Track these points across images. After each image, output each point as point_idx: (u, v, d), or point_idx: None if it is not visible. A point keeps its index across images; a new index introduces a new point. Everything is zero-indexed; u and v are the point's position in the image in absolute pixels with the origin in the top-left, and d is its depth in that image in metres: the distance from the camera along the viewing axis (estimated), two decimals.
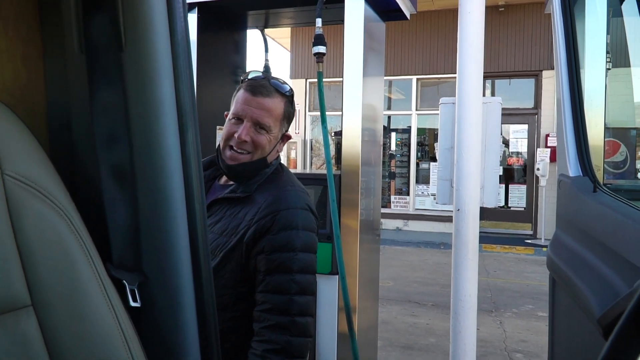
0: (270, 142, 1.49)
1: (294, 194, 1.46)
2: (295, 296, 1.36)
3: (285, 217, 1.39)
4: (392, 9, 2.63)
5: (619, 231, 1.19)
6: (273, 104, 1.47)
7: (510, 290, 6.45)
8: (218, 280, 1.39)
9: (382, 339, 4.47)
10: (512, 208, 10.41)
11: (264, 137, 1.46)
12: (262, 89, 1.46)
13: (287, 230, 1.39)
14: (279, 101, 1.48)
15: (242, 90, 1.48)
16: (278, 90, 1.48)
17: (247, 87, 1.47)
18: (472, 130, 2.32)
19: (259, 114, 1.44)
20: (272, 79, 1.50)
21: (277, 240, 1.38)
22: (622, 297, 0.99)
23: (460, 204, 2.32)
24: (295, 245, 1.38)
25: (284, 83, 1.52)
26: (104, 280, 0.64)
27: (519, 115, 10.37)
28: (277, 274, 1.36)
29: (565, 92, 1.65)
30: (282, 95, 1.49)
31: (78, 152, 0.74)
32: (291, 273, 1.37)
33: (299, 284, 1.37)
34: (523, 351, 4.51)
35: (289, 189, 1.47)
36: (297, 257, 1.38)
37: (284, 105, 1.50)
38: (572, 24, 1.76)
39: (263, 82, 1.47)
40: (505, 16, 10.11)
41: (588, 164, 1.54)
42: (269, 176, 1.51)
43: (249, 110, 1.44)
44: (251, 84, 1.47)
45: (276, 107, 1.47)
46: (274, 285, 1.36)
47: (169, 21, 0.73)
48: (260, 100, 1.45)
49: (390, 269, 7.39)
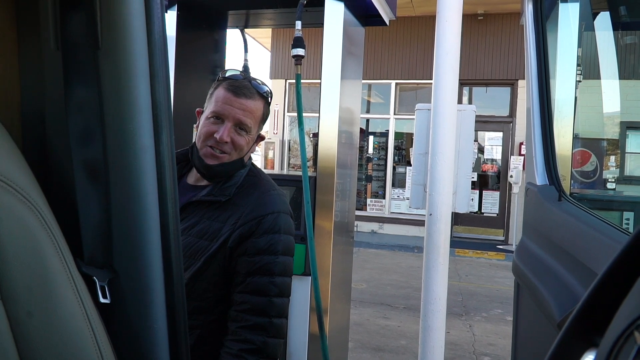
0: (248, 143, 1.49)
1: (277, 199, 1.48)
2: (274, 298, 1.38)
3: (269, 221, 1.41)
4: (371, 14, 2.66)
5: (581, 239, 1.24)
6: (255, 105, 1.46)
7: (481, 295, 6.55)
8: (199, 284, 1.40)
9: (353, 341, 4.50)
10: (485, 214, 10.57)
11: (244, 138, 1.46)
12: (245, 90, 1.45)
13: (270, 233, 1.40)
14: (259, 103, 1.48)
15: (222, 89, 1.46)
16: (258, 91, 1.48)
17: (228, 87, 1.45)
18: (447, 136, 2.37)
19: (241, 115, 1.44)
20: (252, 80, 1.50)
21: (259, 243, 1.39)
22: (580, 302, 1.03)
23: (433, 209, 2.36)
24: (277, 248, 1.40)
25: (263, 84, 1.52)
26: (74, 276, 0.65)
27: (494, 123, 10.54)
28: (258, 276, 1.38)
29: (535, 103, 1.70)
30: (262, 96, 1.49)
31: (51, 148, 0.74)
32: (272, 275, 1.39)
33: (278, 286, 1.39)
34: (491, 354, 4.59)
35: (272, 192, 1.48)
36: (278, 260, 1.40)
37: (263, 107, 1.50)
38: (544, 36, 1.82)
39: (245, 83, 1.47)
40: (484, 25, 10.26)
41: (554, 174, 1.59)
42: (248, 179, 1.51)
43: (231, 111, 1.43)
44: (233, 83, 1.46)
45: (257, 108, 1.48)
46: (254, 286, 1.37)
47: (146, 20, 0.73)
48: (243, 102, 1.44)
49: (364, 272, 7.44)
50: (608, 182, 4.54)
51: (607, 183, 4.52)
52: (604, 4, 2.68)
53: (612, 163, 5.42)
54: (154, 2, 0.74)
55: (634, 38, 3.28)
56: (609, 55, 2.85)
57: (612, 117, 4.27)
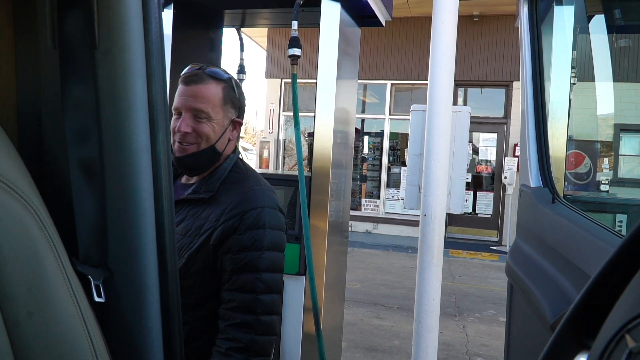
0: (214, 129, 1.46)
1: (260, 193, 1.46)
2: (261, 295, 1.37)
3: (252, 216, 1.40)
4: (367, 14, 2.66)
5: (574, 241, 1.25)
6: (207, 90, 1.45)
7: (474, 296, 6.57)
8: (186, 281, 1.39)
9: (347, 340, 4.51)
10: (479, 215, 10.60)
11: (205, 125, 1.44)
12: (194, 77, 1.45)
13: (253, 229, 1.39)
14: (214, 87, 1.46)
15: (179, 85, 1.47)
16: (212, 76, 1.46)
17: (182, 80, 1.46)
18: (441, 138, 2.37)
19: (193, 102, 1.43)
20: (207, 68, 1.48)
21: (243, 240, 1.38)
22: (573, 304, 1.04)
23: (427, 210, 2.37)
24: (262, 244, 1.39)
25: (222, 70, 1.50)
26: (69, 275, 0.64)
27: (489, 124, 10.58)
28: (243, 273, 1.37)
29: (529, 105, 1.70)
30: (218, 80, 1.47)
31: (47, 146, 0.74)
32: (257, 272, 1.38)
33: (265, 282, 1.38)
34: (484, 355, 4.61)
35: (255, 188, 1.47)
36: (263, 256, 1.39)
37: (221, 90, 1.47)
38: (539, 38, 1.83)
39: (196, 72, 1.46)
40: (480, 26, 10.30)
41: (548, 176, 1.60)
42: (232, 175, 1.50)
43: (185, 101, 1.44)
44: (186, 76, 1.46)
45: (211, 92, 1.45)
46: (240, 283, 1.37)
47: (143, 20, 0.74)
48: (193, 88, 1.44)
49: (358, 271, 7.45)
50: (602, 184, 4.56)
51: (601, 185, 4.54)
52: (598, 7, 2.69)
53: (606, 165, 5.46)
54: (151, 1, 0.74)
55: (628, 41, 3.31)
56: (603, 58, 2.87)
57: (606, 119, 4.30)
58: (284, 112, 11.60)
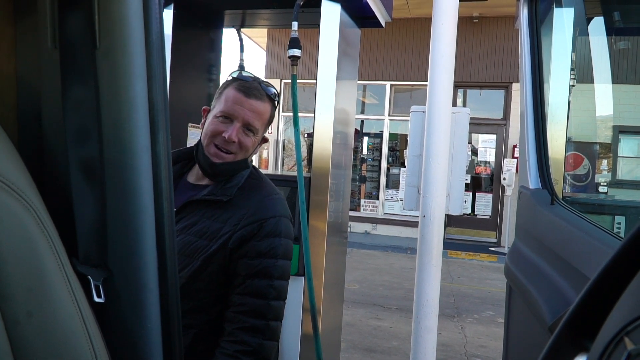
0: (254, 144, 1.50)
1: (279, 203, 1.49)
2: (272, 301, 1.39)
3: (271, 224, 1.42)
4: (367, 15, 2.67)
5: (573, 243, 1.25)
6: (264, 107, 1.47)
7: (473, 297, 6.58)
8: (197, 284, 1.40)
9: (345, 341, 4.51)
10: (478, 216, 10.61)
11: (250, 140, 1.47)
12: (256, 92, 1.46)
13: (271, 237, 1.41)
14: (268, 105, 1.49)
15: (232, 89, 1.46)
16: (267, 93, 1.49)
17: (239, 88, 1.45)
18: (441, 139, 2.38)
19: (250, 116, 1.44)
20: (263, 83, 1.50)
21: (261, 247, 1.40)
22: (572, 306, 1.04)
23: (426, 211, 2.37)
24: (277, 252, 1.41)
25: (271, 86, 1.53)
26: (69, 275, 0.64)
27: (488, 125, 10.58)
28: (257, 279, 1.38)
29: (528, 106, 1.71)
30: (270, 99, 1.50)
31: (48, 146, 0.74)
32: (271, 279, 1.39)
33: (276, 289, 1.40)
34: (482, 356, 4.61)
35: (274, 197, 1.50)
36: (277, 264, 1.41)
37: (270, 109, 1.51)
38: (538, 39, 1.83)
39: (255, 85, 1.47)
40: (479, 27, 10.31)
41: (547, 178, 1.60)
42: (249, 181, 1.51)
43: (241, 112, 1.44)
44: (243, 84, 1.46)
45: (265, 110, 1.48)
46: (253, 289, 1.38)
47: (144, 20, 0.74)
48: (253, 103, 1.45)
49: (356, 272, 7.45)
50: (600, 185, 4.57)
51: (600, 187, 4.55)
52: (598, 9, 2.70)
53: (605, 167, 5.46)
54: (151, 1, 0.74)
55: (627, 43, 3.31)
56: (602, 60, 2.87)
57: (605, 121, 4.30)
58: (283, 112, 11.59)
